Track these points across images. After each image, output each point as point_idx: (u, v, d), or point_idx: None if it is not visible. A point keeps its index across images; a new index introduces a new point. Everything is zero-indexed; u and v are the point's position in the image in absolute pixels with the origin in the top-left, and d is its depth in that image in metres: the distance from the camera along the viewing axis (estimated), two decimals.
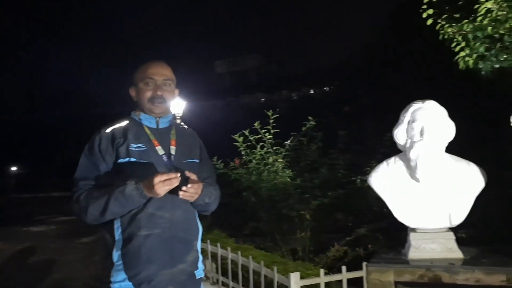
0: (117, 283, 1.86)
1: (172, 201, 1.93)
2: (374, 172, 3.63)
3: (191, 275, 2.00)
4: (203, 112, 16.49)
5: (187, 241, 1.99)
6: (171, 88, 2.11)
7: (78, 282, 5.66)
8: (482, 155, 3.77)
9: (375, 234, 4.72)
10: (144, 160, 1.93)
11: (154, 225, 1.89)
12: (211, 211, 2.18)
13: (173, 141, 2.06)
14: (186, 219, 2.00)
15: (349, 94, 11.44)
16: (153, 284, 1.85)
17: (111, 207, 1.82)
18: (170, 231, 1.92)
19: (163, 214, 1.91)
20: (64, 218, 13.04)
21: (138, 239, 1.86)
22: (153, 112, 2.05)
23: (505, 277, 2.99)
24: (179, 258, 1.94)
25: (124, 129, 2.02)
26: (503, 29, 3.21)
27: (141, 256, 1.85)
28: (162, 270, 1.88)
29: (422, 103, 3.39)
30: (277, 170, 5.71)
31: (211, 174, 2.24)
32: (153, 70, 2.07)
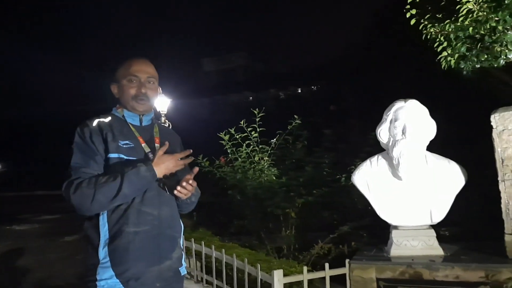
0: (104, 281, 1.82)
1: (159, 198, 1.93)
2: (357, 170, 3.67)
3: (176, 271, 2.00)
4: (189, 110, 16.41)
5: (173, 238, 1.99)
6: (154, 86, 2.08)
7: (61, 281, 5.58)
8: (463, 154, 3.84)
9: (359, 232, 4.76)
10: (133, 157, 1.92)
11: (142, 222, 1.88)
12: (188, 211, 2.17)
13: (157, 138, 2.06)
14: (172, 216, 2.00)
15: (335, 93, 11.53)
16: (141, 281, 1.84)
17: (125, 190, 1.80)
18: (158, 228, 1.91)
19: (152, 211, 1.90)
20: (47, 216, 12.85)
21: (126, 235, 1.84)
22: (136, 110, 2.03)
23: (483, 273, 3.05)
24: (166, 255, 1.93)
25: (110, 124, 1.98)
26: (484, 29, 3.26)
27: (130, 253, 1.83)
28: (150, 267, 1.87)
29: (404, 102, 3.44)
30: (262, 168, 5.71)
31: (186, 170, 2.17)
32: (137, 68, 2.05)
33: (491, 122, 3.27)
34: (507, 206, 3.21)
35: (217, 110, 21.01)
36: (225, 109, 20.96)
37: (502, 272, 2.99)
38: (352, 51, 10.73)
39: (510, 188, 3.19)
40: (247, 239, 5.79)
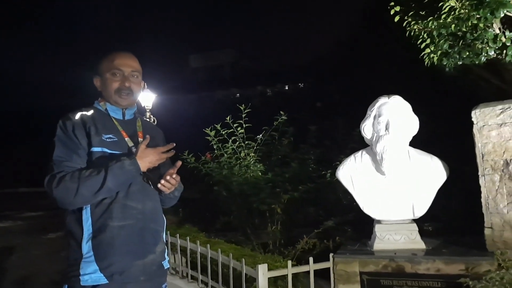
0: (87, 275, 1.81)
1: (144, 193, 1.93)
2: (341, 165, 3.70)
3: (159, 265, 2.00)
4: (175, 105, 16.32)
5: (156, 232, 2.00)
6: (138, 80, 2.07)
7: (45, 278, 5.53)
8: (444, 150, 3.90)
9: (343, 227, 4.81)
10: (116, 151, 1.91)
11: (127, 216, 1.88)
12: (170, 205, 2.19)
13: (140, 133, 2.05)
14: (155, 210, 2.01)
15: (321, 91, 11.60)
16: (125, 275, 1.84)
17: (108, 184, 1.79)
18: (143, 222, 1.92)
19: (136, 205, 1.91)
20: (31, 214, 12.68)
21: (111, 230, 1.83)
22: (119, 103, 2.02)
23: (464, 266, 3.12)
24: (150, 248, 1.94)
25: (92, 118, 1.96)
26: (466, 27, 3.31)
27: (114, 247, 1.83)
28: (134, 260, 1.87)
29: (388, 98, 3.47)
30: (248, 164, 5.72)
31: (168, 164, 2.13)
32: (121, 61, 2.00)
33: (472, 118, 3.33)
34: (486, 200, 3.27)
35: (203, 106, 20.93)
36: (212, 105, 20.90)
37: (481, 265, 3.06)
38: (338, 49, 10.80)
39: (489, 183, 3.26)
40: (233, 235, 5.80)
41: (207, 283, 3.92)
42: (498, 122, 3.23)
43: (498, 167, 3.23)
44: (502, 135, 3.22)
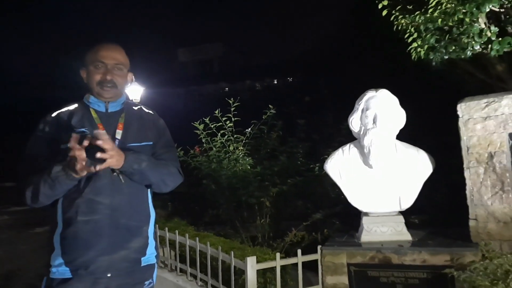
0: (55, 267, 1.83)
1: (112, 187, 1.87)
2: (329, 159, 3.73)
3: (135, 262, 1.93)
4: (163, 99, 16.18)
5: (131, 227, 1.91)
6: (122, 73, 2.01)
7: (31, 273, 5.46)
8: (430, 143, 3.96)
9: (331, 219, 4.86)
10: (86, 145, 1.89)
11: (92, 211, 1.84)
12: (156, 185, 2.01)
13: (120, 124, 1.98)
14: (130, 205, 1.91)
15: (310, 85, 11.62)
16: (90, 270, 1.81)
17: (42, 190, 1.78)
18: (110, 217, 1.85)
19: (102, 200, 1.85)
20: (17, 208, 12.47)
21: (76, 224, 1.82)
22: (102, 96, 1.96)
23: (449, 257, 3.18)
24: (119, 244, 1.87)
25: (70, 113, 1.96)
26: (452, 21, 3.36)
27: (78, 241, 1.81)
28: (99, 256, 1.82)
29: (376, 91, 3.51)
30: (237, 157, 5.72)
31: (167, 151, 2.09)
32: (104, 53, 1.96)
33: (458, 111, 3.38)
34: (471, 192, 3.34)
35: (192, 100, 20.83)
36: (200, 99, 20.82)
37: (466, 256, 3.12)
38: (326, 43, 10.83)
39: (474, 175, 3.32)
40: (221, 228, 5.81)
41: (196, 276, 3.93)
42: (483, 116, 3.29)
43: (482, 159, 3.29)
44: (486, 128, 3.28)
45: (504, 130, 3.23)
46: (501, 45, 3.37)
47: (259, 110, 6.00)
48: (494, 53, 3.40)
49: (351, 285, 3.40)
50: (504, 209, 3.22)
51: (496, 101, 3.25)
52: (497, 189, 3.25)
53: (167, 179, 2.03)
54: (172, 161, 2.09)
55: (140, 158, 1.90)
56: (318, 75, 11.29)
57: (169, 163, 2.05)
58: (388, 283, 3.31)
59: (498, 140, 3.25)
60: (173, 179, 2.06)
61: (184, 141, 6.09)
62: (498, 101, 3.25)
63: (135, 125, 2.01)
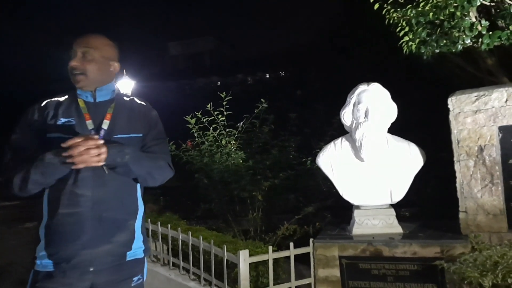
0: (39, 260, 1.82)
1: (94, 179, 1.83)
2: (321, 152, 3.74)
3: (120, 256, 1.88)
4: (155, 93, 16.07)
5: (116, 221, 1.86)
6: (91, 57, 1.92)
7: (21, 268, 5.42)
8: (421, 136, 3.98)
9: (323, 213, 4.89)
10: (70, 135, 1.80)
11: (75, 204, 1.81)
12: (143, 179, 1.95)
13: (108, 114, 1.93)
14: (115, 198, 1.87)
15: (302, 79, 11.63)
16: (72, 264, 1.79)
17: (33, 177, 1.75)
18: (92, 210, 1.82)
19: (84, 193, 1.82)
20: (6, 203, 12.33)
21: (58, 217, 1.81)
22: (77, 85, 1.91)
23: (439, 249, 3.22)
24: (103, 238, 1.83)
25: (58, 103, 1.93)
26: (443, 15, 3.37)
27: (61, 234, 1.79)
28: (82, 250, 1.79)
29: (367, 85, 3.51)
30: (229, 152, 5.71)
31: (157, 144, 2.02)
32: (79, 41, 1.93)
33: (448, 105, 3.41)
34: (461, 185, 3.37)
35: (184, 94, 20.71)
36: (192, 93, 20.71)
37: (456, 248, 3.16)
38: (317, 37, 10.82)
39: (464, 168, 3.36)
40: (214, 222, 5.82)
41: (189, 270, 3.93)
42: (473, 109, 3.32)
43: (472, 153, 3.33)
44: (477, 122, 3.31)
45: (494, 124, 3.26)
46: (491, 39, 3.39)
47: (251, 104, 5.99)
48: (485, 47, 3.42)
49: (342, 277, 3.43)
50: (493, 201, 3.26)
51: (486, 95, 3.28)
52: (487, 182, 3.28)
53: (154, 173, 1.97)
54: (162, 154, 2.03)
55: (124, 151, 1.83)
56: (309, 69, 11.29)
57: (158, 156, 1.99)
58: (379, 275, 3.34)
59: (488, 133, 3.28)
60: (161, 173, 2.00)
61: (176, 135, 6.06)
62: (488, 94, 3.28)
63: (124, 116, 1.96)
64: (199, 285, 3.77)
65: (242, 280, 3.31)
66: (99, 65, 1.95)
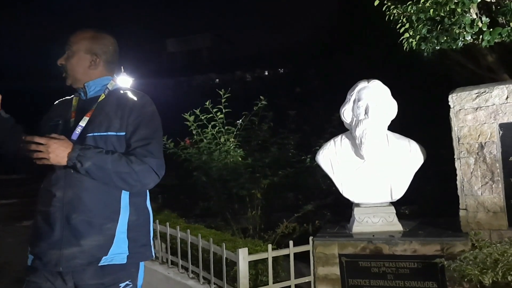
0: (29, 255, 1.88)
1: (65, 180, 1.79)
2: (321, 150, 3.72)
3: (92, 260, 1.78)
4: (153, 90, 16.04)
5: (89, 224, 1.77)
6: (72, 54, 1.92)
7: (19, 266, 5.40)
8: (422, 134, 3.96)
9: (322, 211, 4.87)
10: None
11: (46, 202, 1.82)
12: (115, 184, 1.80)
13: (91, 111, 1.88)
14: (89, 200, 1.78)
15: (301, 76, 11.58)
16: (44, 262, 1.79)
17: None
18: (62, 210, 1.77)
19: (55, 192, 1.80)
20: (3, 201, 12.29)
21: (35, 214, 1.87)
22: (66, 83, 1.96)
23: (439, 247, 3.20)
24: (71, 240, 1.76)
25: (61, 104, 2.01)
26: (444, 11, 3.34)
27: (36, 231, 1.85)
28: (50, 249, 1.77)
29: (367, 82, 3.49)
30: (228, 149, 5.69)
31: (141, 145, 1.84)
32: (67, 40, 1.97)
33: (449, 102, 3.38)
34: (462, 182, 3.36)
35: (182, 91, 20.66)
36: (190, 90, 20.66)
37: (456, 245, 3.15)
38: (317, 34, 10.78)
39: (465, 166, 3.34)
40: (212, 220, 5.79)
41: (188, 268, 3.91)
42: (474, 106, 3.30)
43: (473, 150, 3.31)
44: (477, 119, 3.29)
45: (494, 121, 3.24)
46: (492, 35, 3.36)
47: (250, 101, 5.95)
48: (485, 43, 3.39)
49: (342, 275, 3.41)
50: (493, 198, 3.25)
51: (487, 92, 3.26)
52: (487, 179, 3.27)
53: (128, 178, 1.78)
54: (144, 157, 1.82)
55: (87, 155, 1.74)
56: (309, 66, 11.25)
57: (136, 160, 1.80)
58: (379, 273, 3.33)
59: (489, 130, 3.26)
60: (138, 178, 1.80)
61: (174, 133, 6.03)
62: (489, 91, 3.25)
63: (106, 113, 1.87)
64: (198, 283, 3.75)
65: (241, 278, 3.29)
66: (77, 60, 1.93)
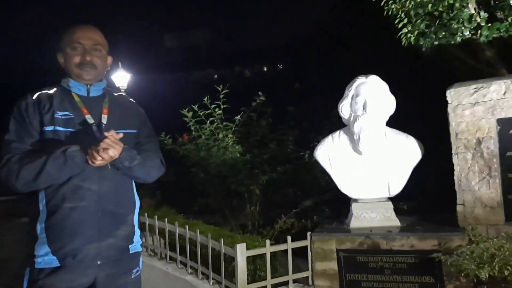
0: (41, 257, 1.77)
1: (100, 173, 1.83)
2: (319, 146, 3.72)
3: (123, 250, 1.91)
4: (151, 86, 16.00)
5: (117, 215, 1.89)
6: (101, 54, 1.96)
7: (17, 263, 5.41)
8: (420, 129, 3.96)
9: (321, 206, 4.88)
10: (70, 128, 1.84)
11: (80, 198, 1.80)
12: (142, 179, 2.00)
13: (105, 109, 1.94)
14: (116, 192, 1.89)
15: (299, 71, 11.57)
16: (78, 259, 1.78)
17: (48, 168, 1.72)
18: (98, 204, 1.82)
19: (90, 186, 1.81)
20: (1, 198, 12.26)
21: (62, 211, 1.78)
22: (82, 78, 1.91)
23: (436, 242, 3.21)
24: (107, 232, 1.84)
25: (50, 96, 1.90)
26: (442, 6, 3.34)
27: (65, 229, 1.77)
28: (87, 244, 1.79)
29: (366, 77, 3.48)
30: (227, 145, 5.68)
31: (150, 141, 2.06)
32: (81, 34, 1.91)
33: (447, 97, 3.38)
34: (459, 178, 3.36)
35: (180, 87, 20.61)
36: (188, 86, 20.61)
37: (453, 240, 3.15)
38: (315, 29, 10.75)
39: (462, 161, 3.34)
40: (211, 216, 5.80)
41: (186, 264, 3.92)
42: (472, 102, 3.30)
43: (470, 145, 3.31)
44: (475, 114, 3.29)
45: (492, 116, 3.24)
46: (490, 30, 3.36)
47: (248, 97, 5.95)
48: (484, 38, 3.39)
49: (340, 270, 3.42)
50: (491, 194, 3.25)
51: (484, 87, 3.26)
52: (485, 175, 3.27)
53: (152, 172, 2.02)
54: (156, 152, 2.07)
55: (133, 156, 1.87)
56: (307, 62, 11.23)
57: (154, 155, 2.03)
58: (377, 268, 3.34)
59: (486, 126, 3.26)
60: (157, 171, 2.05)
61: (172, 128, 6.03)
62: (487, 86, 3.25)
63: (118, 112, 1.98)
64: (196, 278, 3.76)
65: (240, 273, 3.30)
66: (105, 60, 2.01)
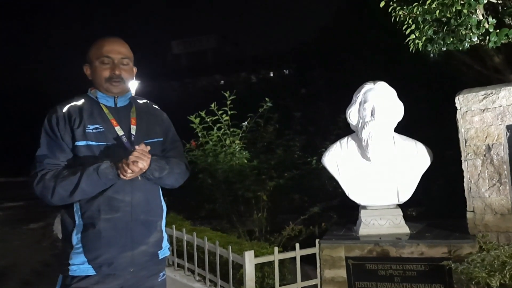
0: (76, 266, 1.84)
1: (132, 184, 1.88)
2: (327, 152, 3.71)
3: (153, 255, 1.98)
4: (158, 92, 16.09)
5: (149, 223, 1.96)
6: (129, 67, 2.00)
7: (26, 269, 5.43)
8: (428, 135, 3.94)
9: (329, 213, 4.86)
10: (102, 142, 1.87)
11: (114, 209, 1.86)
12: (171, 185, 2.05)
13: (133, 119, 1.97)
14: (147, 201, 1.95)
15: (306, 77, 11.56)
16: (113, 267, 1.85)
17: (83, 185, 1.77)
18: (131, 214, 1.89)
19: (123, 198, 1.87)
20: (11, 204, 12.38)
21: (98, 222, 1.84)
22: (110, 91, 1.94)
23: (446, 249, 3.18)
24: (140, 240, 1.91)
25: (80, 108, 1.91)
26: (450, 12, 3.32)
27: (101, 239, 1.83)
28: (122, 253, 1.86)
29: (373, 84, 3.47)
30: (234, 151, 5.69)
31: (174, 147, 2.11)
32: (109, 48, 1.94)
33: (456, 103, 3.37)
34: (469, 184, 3.33)
35: (187, 93, 20.71)
36: (195, 92, 20.70)
37: (463, 248, 3.12)
38: (322, 35, 10.76)
39: (472, 168, 3.32)
40: (218, 222, 5.79)
41: (194, 271, 3.92)
42: (481, 108, 3.28)
43: (480, 152, 3.29)
44: (484, 120, 3.27)
45: (501, 122, 3.22)
46: (498, 36, 3.33)
47: (255, 103, 5.95)
48: (492, 44, 3.37)
49: (349, 278, 3.40)
50: (501, 200, 3.22)
51: (494, 93, 3.24)
52: (495, 181, 3.24)
53: (179, 178, 2.07)
54: (181, 157, 2.11)
55: (162, 166, 1.91)
56: (314, 67, 11.22)
57: (180, 161, 2.06)
58: (386, 276, 3.31)
59: (496, 132, 3.24)
60: (183, 177, 2.10)
61: (180, 135, 6.03)
62: (496, 93, 3.23)
63: (145, 121, 2.01)
64: (204, 286, 3.75)
65: (248, 281, 3.29)
66: (131, 72, 2.04)
